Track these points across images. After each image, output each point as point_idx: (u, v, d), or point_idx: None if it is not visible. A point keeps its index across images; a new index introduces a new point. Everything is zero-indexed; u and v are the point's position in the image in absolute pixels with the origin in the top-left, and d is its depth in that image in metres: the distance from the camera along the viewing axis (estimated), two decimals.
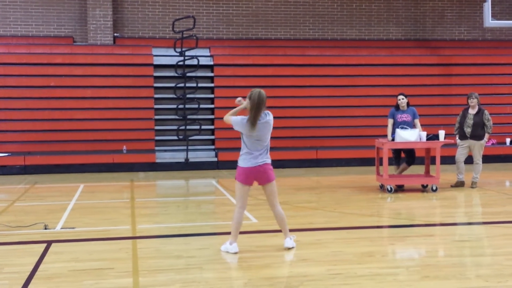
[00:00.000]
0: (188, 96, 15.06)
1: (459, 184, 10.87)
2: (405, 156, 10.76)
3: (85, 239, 6.98)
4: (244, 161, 6.17)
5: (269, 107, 6.28)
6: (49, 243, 6.72)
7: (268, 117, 6.12)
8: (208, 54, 16.14)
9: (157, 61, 15.73)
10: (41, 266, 5.77)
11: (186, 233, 7.30)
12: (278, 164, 6.39)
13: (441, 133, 10.32)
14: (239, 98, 6.32)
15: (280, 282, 5.22)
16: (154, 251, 6.43)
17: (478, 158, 10.78)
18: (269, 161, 6.22)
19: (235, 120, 6.16)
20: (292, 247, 6.30)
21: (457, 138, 10.93)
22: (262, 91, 6.08)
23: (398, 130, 10.18)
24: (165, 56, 15.84)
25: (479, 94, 11.03)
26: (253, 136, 6.08)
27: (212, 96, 15.73)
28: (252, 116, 6.01)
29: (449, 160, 12.11)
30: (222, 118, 16.65)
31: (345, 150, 15.14)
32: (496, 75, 16.98)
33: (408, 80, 16.35)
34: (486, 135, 10.77)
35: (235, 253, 6.15)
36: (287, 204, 9.20)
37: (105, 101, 15.16)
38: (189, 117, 15.02)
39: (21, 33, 16.02)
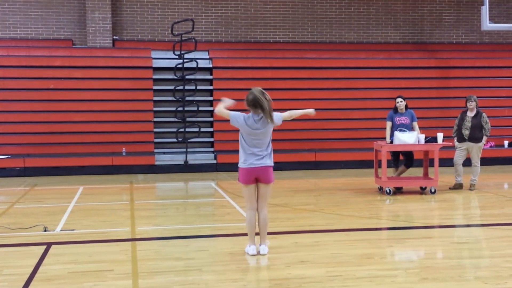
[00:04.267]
0: (187, 98, 15.08)
1: (458, 187, 10.89)
2: (403, 159, 10.79)
3: (84, 241, 7.00)
4: (245, 162, 6.07)
5: None
6: (48, 245, 6.73)
7: (265, 122, 6.02)
8: (207, 57, 16.18)
9: (156, 63, 15.76)
10: (41, 268, 5.79)
11: (185, 235, 7.31)
12: (276, 166, 6.38)
13: (440, 136, 10.36)
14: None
15: (278, 284, 5.24)
16: (154, 253, 6.44)
17: (476, 161, 10.81)
18: (271, 164, 6.13)
19: (234, 115, 6.04)
20: (265, 254, 6.18)
21: (456, 140, 10.96)
22: (255, 89, 6.01)
23: (396, 133, 10.22)
24: (164, 58, 15.87)
25: (477, 97, 11.06)
26: (253, 133, 6.01)
27: (211, 98, 15.76)
28: (260, 114, 5.95)
29: (447, 162, 12.14)
30: (221, 120, 16.66)
31: (344, 153, 15.18)
32: (494, 78, 17.03)
33: (407, 83, 16.40)
34: (484, 138, 10.79)
35: (253, 255, 6.13)
36: (285, 206, 9.22)
37: (104, 103, 15.19)
38: (188, 119, 15.05)
39: (20, 35, 16.05)
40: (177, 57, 15.05)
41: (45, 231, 7.44)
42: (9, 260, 6.16)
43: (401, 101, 10.57)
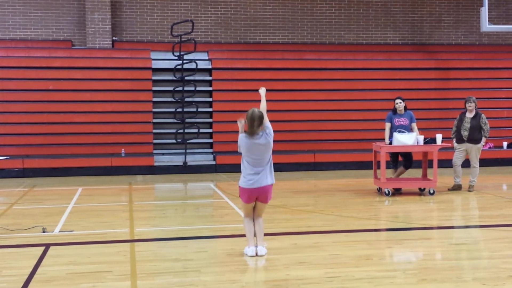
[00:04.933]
0: (186, 99, 15.09)
1: (456, 188, 10.90)
2: (402, 160, 10.80)
3: (83, 242, 7.00)
4: (246, 182, 6.12)
5: (267, 111, 6.29)
6: (47, 246, 6.73)
7: (266, 137, 6.07)
8: (207, 57, 16.18)
9: (156, 64, 15.75)
10: (39, 269, 5.79)
11: (184, 236, 7.32)
12: (276, 167, 6.38)
13: (438, 137, 10.37)
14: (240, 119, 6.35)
15: (277, 285, 5.24)
16: (152, 254, 6.44)
17: (475, 162, 10.81)
18: (272, 181, 6.18)
19: (238, 142, 6.20)
20: (264, 255, 6.22)
21: (454, 141, 10.96)
22: (255, 109, 6.08)
23: (395, 134, 10.22)
24: (164, 59, 15.87)
25: (476, 98, 11.07)
26: (254, 150, 6.06)
27: (210, 99, 15.76)
28: (249, 131, 6.07)
29: (446, 163, 12.15)
30: (220, 121, 16.69)
31: (343, 154, 15.18)
32: (493, 79, 17.04)
33: (406, 84, 16.40)
34: (483, 139, 10.80)
35: (252, 256, 6.14)
36: (284, 208, 9.23)
37: (103, 104, 15.19)
38: (187, 120, 15.05)
39: (19, 36, 16.05)
40: (176, 58, 15.06)
41: (43, 232, 7.44)
42: (8, 261, 6.16)
43: (400, 102, 10.58)
